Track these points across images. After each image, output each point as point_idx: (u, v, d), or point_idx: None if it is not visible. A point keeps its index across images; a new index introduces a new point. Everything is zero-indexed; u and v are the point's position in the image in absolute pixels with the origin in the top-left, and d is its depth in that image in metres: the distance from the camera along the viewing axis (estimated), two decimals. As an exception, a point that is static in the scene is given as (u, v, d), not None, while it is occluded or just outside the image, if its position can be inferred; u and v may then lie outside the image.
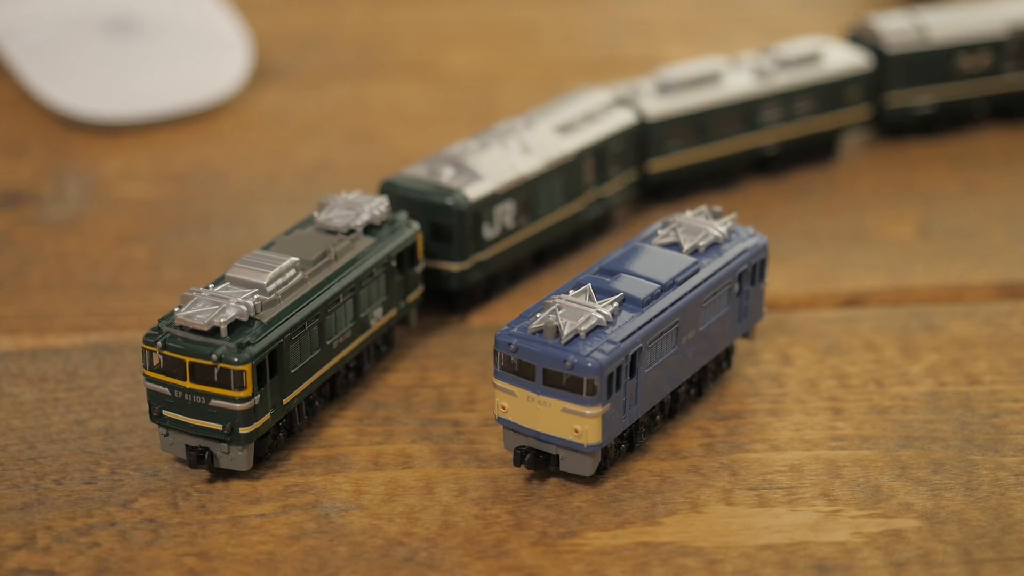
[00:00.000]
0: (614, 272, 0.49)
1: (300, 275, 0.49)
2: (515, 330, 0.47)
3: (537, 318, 0.47)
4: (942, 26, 0.67)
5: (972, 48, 0.67)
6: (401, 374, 0.53)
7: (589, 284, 0.48)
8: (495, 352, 0.47)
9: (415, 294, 0.54)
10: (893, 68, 0.66)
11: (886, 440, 0.50)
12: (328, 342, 0.50)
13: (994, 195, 0.64)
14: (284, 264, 0.49)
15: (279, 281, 0.49)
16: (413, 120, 0.69)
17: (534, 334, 0.47)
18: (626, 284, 0.49)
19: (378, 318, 0.52)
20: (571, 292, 0.48)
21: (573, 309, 0.47)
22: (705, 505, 0.47)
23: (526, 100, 0.69)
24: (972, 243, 0.60)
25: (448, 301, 0.56)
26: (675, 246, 0.51)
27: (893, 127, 0.68)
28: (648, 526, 0.46)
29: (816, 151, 0.66)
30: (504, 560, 0.45)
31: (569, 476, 0.48)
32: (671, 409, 0.50)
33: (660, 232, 0.51)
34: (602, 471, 0.48)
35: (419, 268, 0.54)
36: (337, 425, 0.51)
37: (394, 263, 0.52)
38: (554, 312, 0.47)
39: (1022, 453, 0.49)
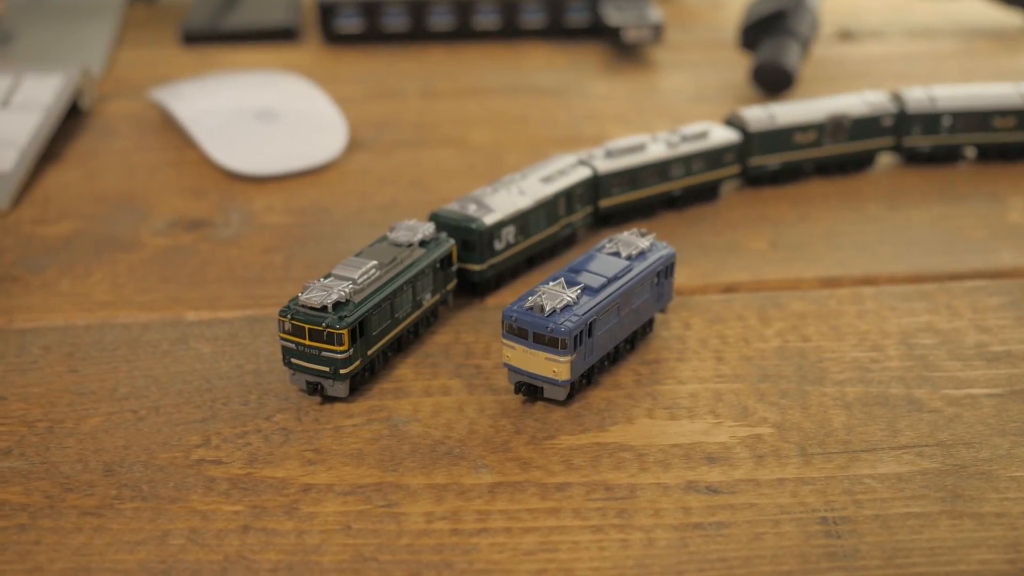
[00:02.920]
0: (578, 270, 0.49)
1: (378, 272, 0.48)
2: (515, 308, 0.46)
3: (529, 300, 0.46)
4: (785, 114, 0.66)
5: (803, 128, 0.66)
6: (442, 335, 0.52)
7: (562, 278, 0.48)
8: (503, 321, 0.46)
9: (451, 285, 0.53)
10: (754, 141, 0.65)
11: (750, 377, 0.49)
12: (396, 315, 0.49)
13: (817, 222, 0.63)
14: (368, 265, 0.48)
15: (365, 277, 0.48)
16: (450, 174, 0.68)
17: (527, 310, 0.46)
18: (586, 278, 0.48)
19: (428, 299, 0.51)
20: (551, 283, 0.47)
21: (552, 294, 0.46)
22: (636, 419, 0.46)
23: (521, 162, 0.69)
24: (803, 252, 0.60)
25: (472, 289, 0.55)
26: (616, 254, 0.50)
27: (753, 179, 0.67)
28: (599, 432, 0.45)
29: (705, 194, 0.65)
30: (508, 454, 0.44)
31: (549, 400, 0.47)
32: (614, 357, 0.50)
33: (607, 245, 0.51)
34: (570, 397, 0.47)
35: (454, 268, 0.53)
36: (401, 368, 0.50)
37: (438, 265, 0.51)
38: (540, 296, 0.46)
39: (836, 386, 0.48)
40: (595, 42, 0.92)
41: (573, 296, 0.46)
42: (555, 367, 0.46)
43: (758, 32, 0.83)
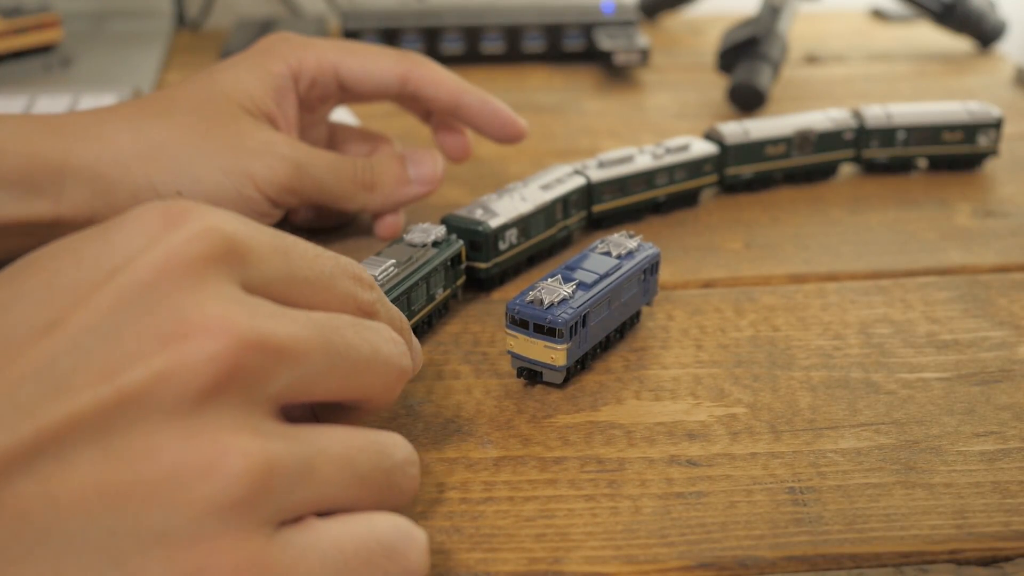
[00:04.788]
0: (573, 268, 0.48)
1: (396, 270, 0.48)
2: (518, 301, 0.46)
3: (530, 294, 0.46)
4: (758, 129, 0.66)
5: (774, 142, 0.66)
6: (453, 326, 0.52)
7: (560, 275, 0.48)
8: (506, 314, 0.46)
9: (460, 281, 0.53)
10: (730, 153, 0.65)
11: (726, 363, 0.49)
12: (412, 307, 0.49)
13: (786, 225, 0.63)
14: (388, 263, 0.48)
15: (384, 273, 0.48)
16: (461, 183, 0.68)
17: (528, 303, 0.46)
18: (580, 275, 0.48)
19: (440, 294, 0.51)
20: (549, 280, 0.47)
21: (551, 289, 0.46)
22: (625, 400, 0.46)
23: (524, 172, 0.68)
24: (774, 252, 0.60)
25: (479, 285, 0.55)
26: (607, 254, 0.50)
27: (729, 187, 0.67)
28: (592, 412, 0.45)
29: (687, 200, 0.64)
30: (511, 431, 0.44)
31: (548, 384, 0.47)
32: (605, 345, 0.49)
33: (599, 246, 0.50)
34: (566, 381, 0.47)
35: (463, 266, 0.53)
36: (417, 354, 0.50)
37: (449, 263, 0.51)
38: (540, 291, 0.46)
39: (803, 370, 0.48)
40: (589, 65, 0.92)
41: (569, 291, 0.46)
42: (553, 354, 0.45)
43: (734, 56, 0.83)
